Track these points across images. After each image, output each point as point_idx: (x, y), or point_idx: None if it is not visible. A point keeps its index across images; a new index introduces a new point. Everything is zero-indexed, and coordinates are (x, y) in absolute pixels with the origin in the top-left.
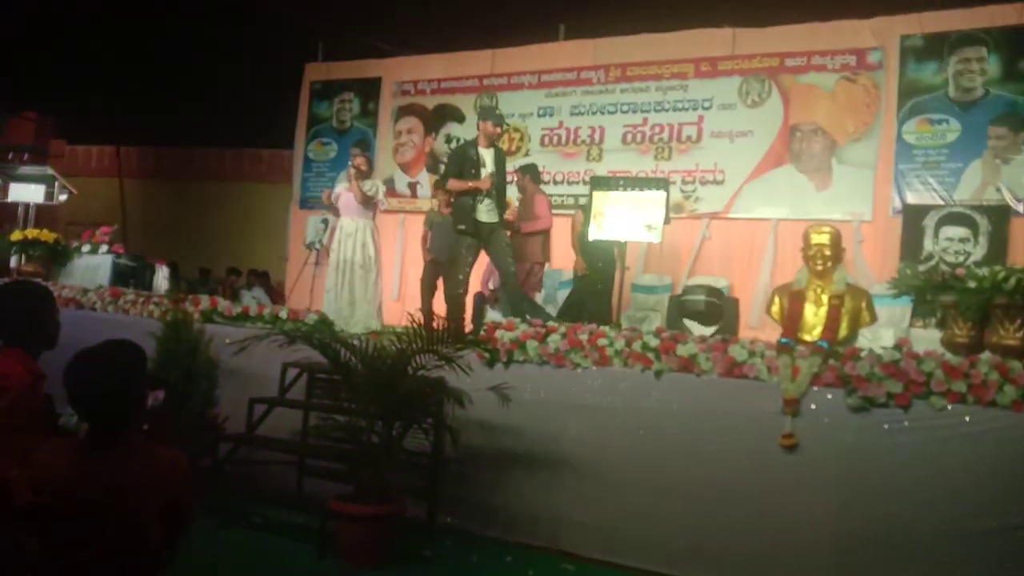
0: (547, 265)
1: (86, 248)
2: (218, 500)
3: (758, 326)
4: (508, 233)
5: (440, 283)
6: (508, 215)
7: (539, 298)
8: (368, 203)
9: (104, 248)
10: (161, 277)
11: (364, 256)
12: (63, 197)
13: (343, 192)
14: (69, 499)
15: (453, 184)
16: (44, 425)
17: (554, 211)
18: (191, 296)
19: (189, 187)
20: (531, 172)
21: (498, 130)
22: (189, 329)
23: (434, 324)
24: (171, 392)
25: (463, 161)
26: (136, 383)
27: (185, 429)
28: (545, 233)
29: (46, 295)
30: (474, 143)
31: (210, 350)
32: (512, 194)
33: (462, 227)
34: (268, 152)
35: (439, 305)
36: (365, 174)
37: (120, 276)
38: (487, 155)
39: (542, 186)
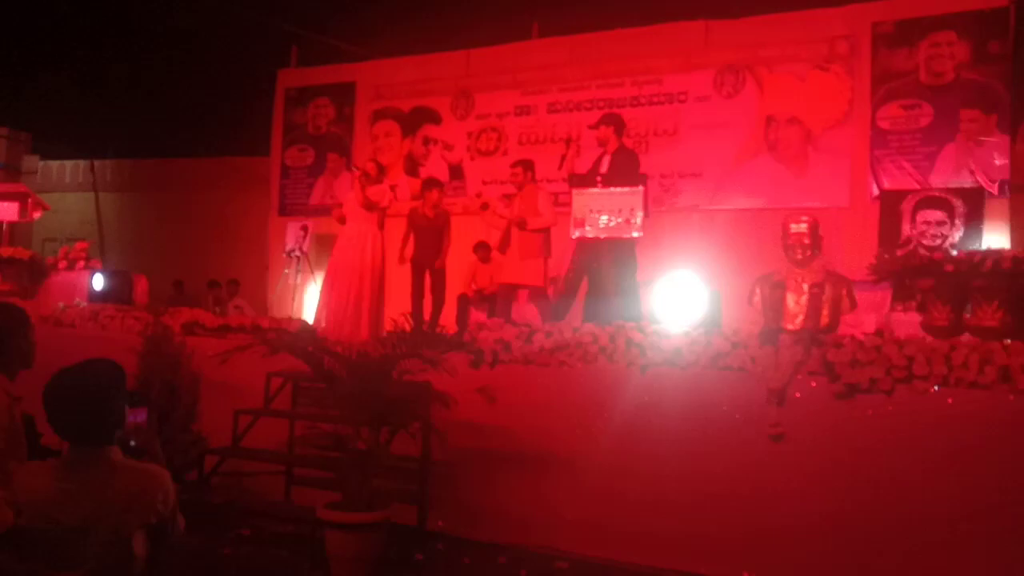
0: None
1: (63, 264)
2: (206, 513)
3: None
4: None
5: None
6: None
7: None
8: (372, 209)
9: (81, 264)
10: (140, 291)
11: (363, 263)
12: (37, 214)
13: (349, 197)
14: (52, 520)
15: None
16: (24, 445)
17: None
18: (171, 309)
19: (166, 198)
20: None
21: None
22: (170, 343)
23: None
24: (153, 410)
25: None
26: (115, 402)
27: (169, 444)
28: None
29: (20, 315)
30: None
31: (192, 363)
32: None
33: None
34: (244, 160)
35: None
36: (374, 179)
37: (98, 291)
38: None
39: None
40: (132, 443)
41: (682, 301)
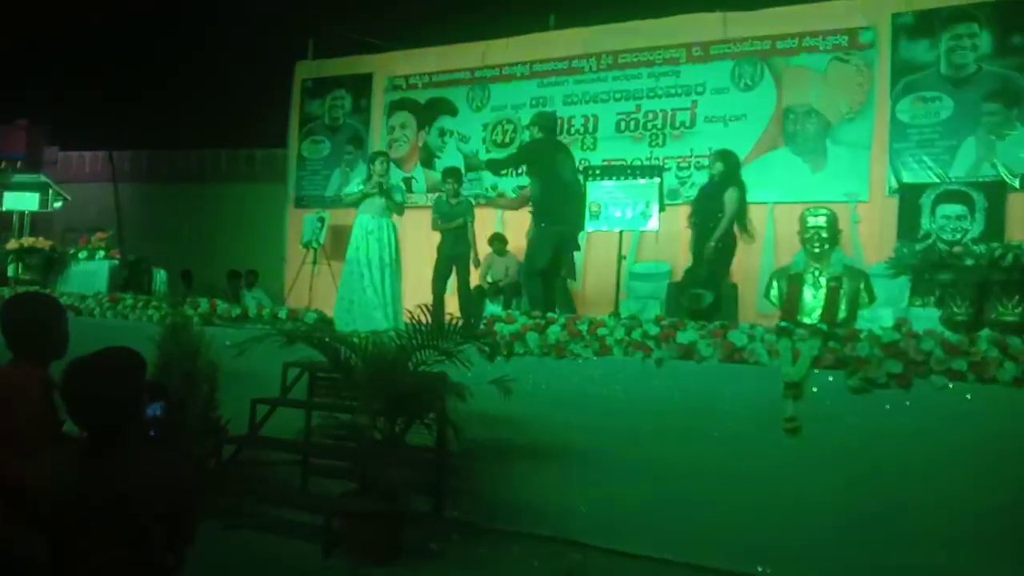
0: None
1: (83, 254)
2: (223, 501)
3: (770, 312)
4: None
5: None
6: None
7: None
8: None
9: (101, 254)
10: (159, 281)
11: (389, 256)
12: (57, 204)
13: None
14: (71, 508)
15: None
16: (60, 434)
17: None
18: (189, 299)
19: (184, 190)
20: None
21: None
22: (189, 333)
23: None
24: (171, 400)
25: None
26: (134, 391)
27: (188, 433)
28: None
29: (55, 306)
30: None
31: (210, 353)
32: None
33: None
34: (262, 152)
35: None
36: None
37: (117, 281)
38: None
39: None
40: (152, 433)
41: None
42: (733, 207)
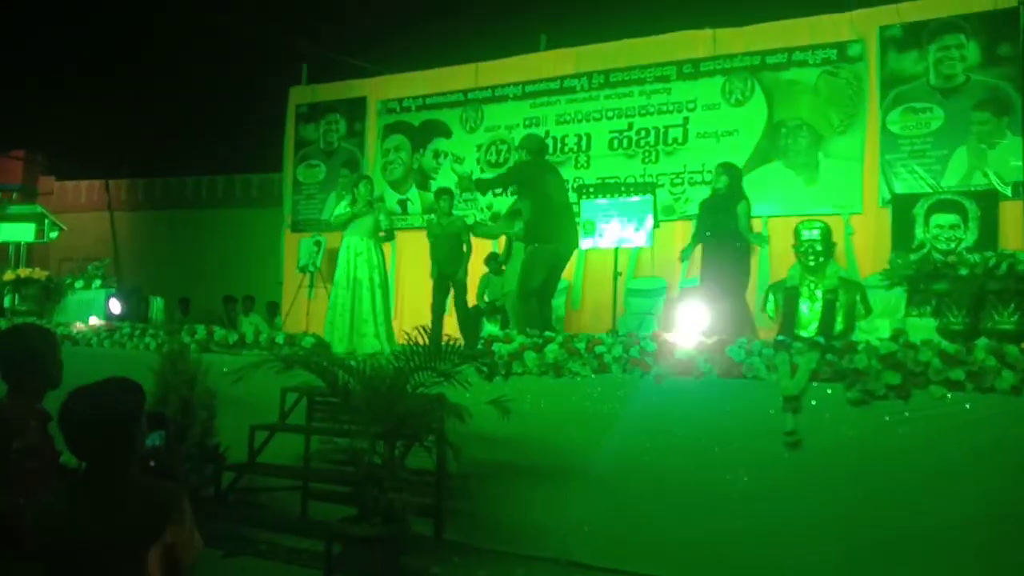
0: None
1: (79, 284)
2: (223, 529)
3: (765, 326)
4: None
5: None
6: None
7: None
8: (388, 234)
9: (97, 283)
10: (156, 309)
11: (379, 276)
12: (54, 234)
13: (358, 211)
14: (67, 540)
15: None
16: (56, 467)
17: None
18: (186, 326)
19: (180, 216)
20: None
21: None
22: (186, 360)
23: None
24: (171, 430)
25: None
26: (134, 422)
27: (186, 462)
28: None
29: (52, 338)
30: None
31: (208, 380)
32: None
33: None
34: (259, 177)
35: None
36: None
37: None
38: None
39: None
40: (152, 463)
41: (696, 310)
42: (746, 219)
